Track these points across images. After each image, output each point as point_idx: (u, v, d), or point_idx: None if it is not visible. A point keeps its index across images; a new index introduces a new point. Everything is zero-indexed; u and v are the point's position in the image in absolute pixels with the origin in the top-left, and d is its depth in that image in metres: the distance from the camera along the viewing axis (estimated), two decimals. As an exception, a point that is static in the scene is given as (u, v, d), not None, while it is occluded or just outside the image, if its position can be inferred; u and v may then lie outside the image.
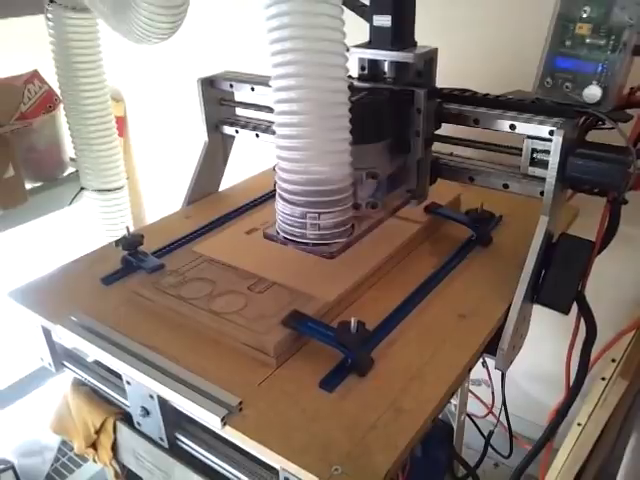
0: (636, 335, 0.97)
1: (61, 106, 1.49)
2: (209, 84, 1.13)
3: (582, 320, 0.87)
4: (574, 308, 0.86)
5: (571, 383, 0.89)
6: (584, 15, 0.75)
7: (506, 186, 0.87)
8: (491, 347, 0.80)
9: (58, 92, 1.47)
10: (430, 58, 0.87)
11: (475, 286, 0.86)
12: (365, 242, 0.92)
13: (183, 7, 1.12)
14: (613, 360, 0.99)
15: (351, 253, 0.90)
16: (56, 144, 1.54)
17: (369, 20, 0.86)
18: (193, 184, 1.18)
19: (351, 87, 0.74)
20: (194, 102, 1.91)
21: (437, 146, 0.93)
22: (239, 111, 1.18)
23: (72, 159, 1.58)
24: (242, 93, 1.12)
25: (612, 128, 0.76)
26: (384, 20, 0.83)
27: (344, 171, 0.75)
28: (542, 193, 0.80)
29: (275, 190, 1.18)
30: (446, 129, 0.92)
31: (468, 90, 0.90)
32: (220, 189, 1.24)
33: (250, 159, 1.21)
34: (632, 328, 0.97)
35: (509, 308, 0.82)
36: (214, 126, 1.16)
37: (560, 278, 0.81)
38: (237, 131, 1.15)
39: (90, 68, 1.38)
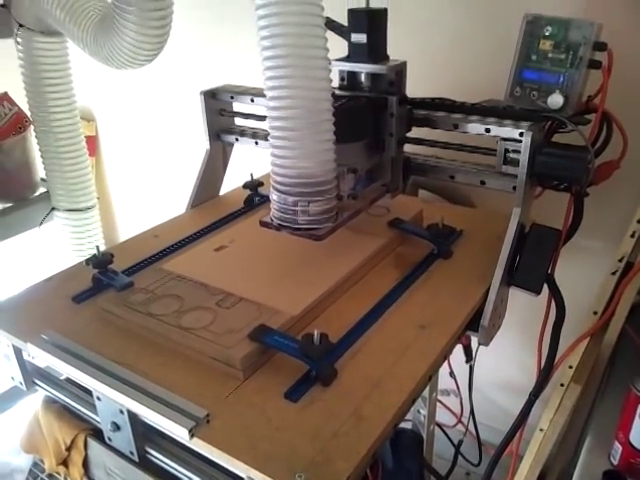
0: (590, 342, 1.02)
1: (31, 127, 1.50)
2: (211, 96, 1.20)
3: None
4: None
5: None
6: (546, 33, 0.86)
7: (483, 182, 0.97)
8: (473, 325, 0.90)
9: (28, 114, 1.48)
10: (400, 69, 0.98)
11: (435, 298, 0.90)
12: (331, 256, 0.95)
13: (166, 34, 1.16)
14: (570, 367, 1.03)
15: (317, 266, 0.93)
16: (26, 165, 1.54)
17: (347, 38, 0.97)
18: (196, 189, 1.25)
19: (333, 95, 0.83)
20: (165, 120, 1.94)
21: (421, 149, 1.04)
22: (238, 121, 1.26)
23: (43, 179, 1.59)
24: (241, 104, 1.19)
25: (573, 130, 0.86)
26: (360, 37, 0.94)
27: (329, 167, 0.85)
28: (514, 188, 0.91)
29: (243, 207, 1.23)
30: (432, 134, 1.01)
31: (447, 99, 1.00)
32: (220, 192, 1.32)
33: (247, 165, 1.27)
34: (586, 336, 1.02)
35: (467, 319, 0.86)
36: (215, 135, 1.24)
37: (532, 262, 0.91)
38: (237, 139, 1.23)
39: (60, 90, 1.40)
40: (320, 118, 0.81)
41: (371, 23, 0.93)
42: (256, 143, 1.20)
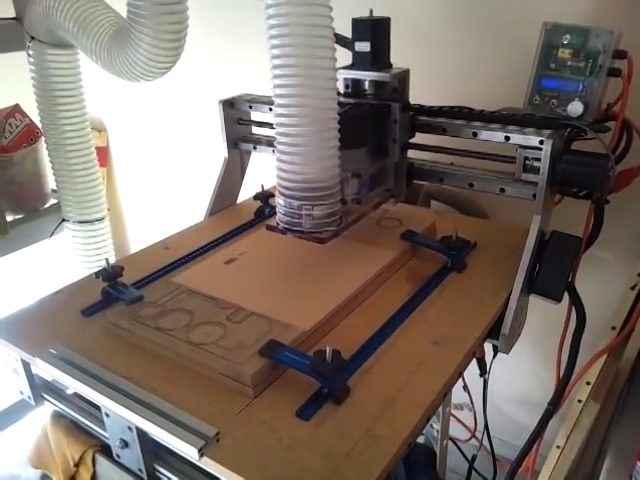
0: (608, 358, 0.99)
1: (42, 139, 1.50)
2: (229, 105, 1.21)
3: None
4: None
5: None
6: (565, 42, 0.86)
7: (503, 190, 0.97)
8: (493, 333, 0.89)
9: (39, 125, 1.48)
10: (403, 77, 0.99)
11: (449, 312, 0.88)
12: (342, 270, 0.94)
13: (181, 47, 1.16)
14: (588, 383, 1.01)
15: (329, 280, 0.92)
16: (37, 176, 1.55)
17: (351, 49, 0.98)
18: (214, 197, 1.26)
19: (338, 102, 0.85)
20: (177, 131, 1.94)
21: (439, 157, 1.04)
22: (255, 129, 1.27)
23: (54, 191, 1.59)
24: (259, 113, 1.20)
25: (593, 138, 0.86)
26: (364, 46, 0.96)
27: (333, 172, 0.87)
28: (534, 196, 0.91)
29: (254, 219, 1.22)
30: (448, 142, 1.01)
31: (466, 107, 1.00)
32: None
33: (261, 175, 1.28)
34: (605, 352, 1.00)
35: (482, 334, 0.85)
36: (233, 143, 1.25)
37: (553, 270, 0.90)
38: (255, 147, 1.24)
39: (71, 102, 1.39)
40: (326, 125, 0.83)
41: (374, 32, 0.95)
42: (274, 151, 1.20)
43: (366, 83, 1.02)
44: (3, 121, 1.46)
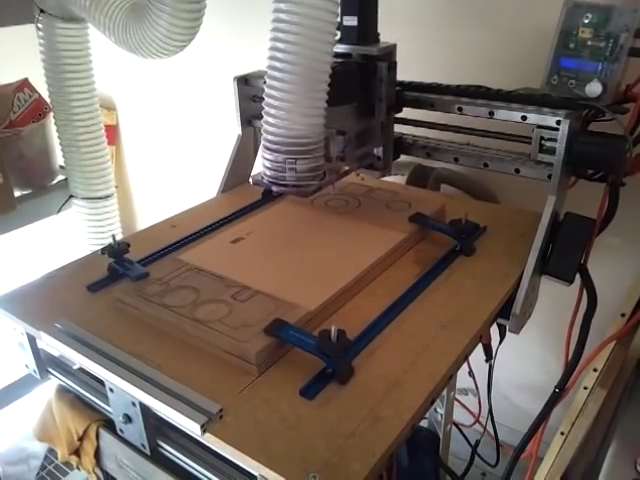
0: (616, 345, 0.99)
1: (51, 114, 1.50)
2: (244, 82, 1.20)
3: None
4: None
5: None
6: (586, 21, 0.85)
7: (517, 171, 0.97)
8: (504, 312, 0.89)
9: (48, 101, 1.48)
10: (391, 51, 1.01)
11: (457, 296, 0.87)
12: (350, 251, 0.93)
13: (198, 26, 1.15)
14: (595, 370, 1.00)
15: (336, 260, 0.91)
16: (45, 152, 1.54)
17: (340, 30, 0.99)
18: (227, 174, 1.25)
19: None
20: (186, 109, 1.93)
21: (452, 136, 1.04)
22: None
23: (62, 167, 1.59)
24: None
25: (611, 119, 0.85)
26: (352, 20, 0.97)
27: (318, 129, 0.89)
28: (549, 176, 0.90)
29: (259, 200, 1.21)
30: (457, 120, 1.01)
31: (483, 86, 1.00)
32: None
33: None
34: (613, 338, 0.99)
35: (489, 318, 0.84)
36: (247, 121, 1.23)
37: (565, 251, 0.90)
38: None
39: (80, 77, 1.39)
40: (317, 86, 0.85)
41: (362, 6, 0.96)
42: None
43: (353, 57, 1.02)
44: (12, 95, 1.45)
